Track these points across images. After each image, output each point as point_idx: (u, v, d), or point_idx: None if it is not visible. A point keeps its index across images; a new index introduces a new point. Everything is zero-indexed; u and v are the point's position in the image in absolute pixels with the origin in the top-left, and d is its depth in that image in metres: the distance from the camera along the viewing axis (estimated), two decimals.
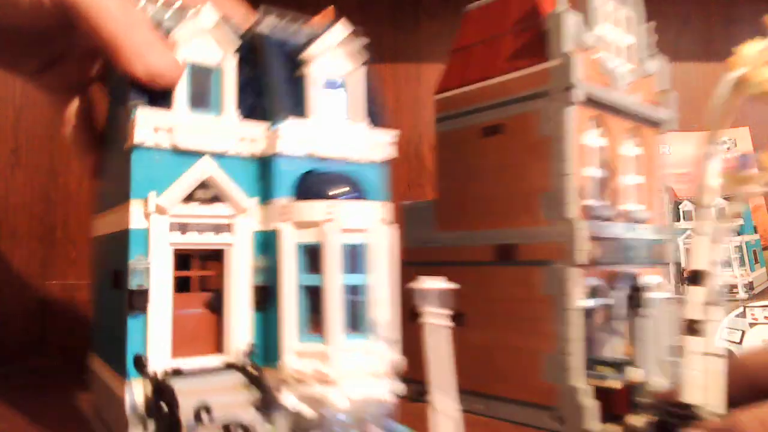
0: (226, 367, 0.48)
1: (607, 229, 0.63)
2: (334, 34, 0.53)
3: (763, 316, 0.97)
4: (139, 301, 0.45)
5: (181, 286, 0.49)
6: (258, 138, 0.50)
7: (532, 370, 0.61)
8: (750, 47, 0.43)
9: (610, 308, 0.64)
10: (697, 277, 0.44)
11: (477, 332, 0.66)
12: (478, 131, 0.70)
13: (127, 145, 0.46)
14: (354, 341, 0.47)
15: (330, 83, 0.53)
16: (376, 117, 0.55)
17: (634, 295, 0.64)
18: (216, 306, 0.50)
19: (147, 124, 0.46)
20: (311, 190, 0.49)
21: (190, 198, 0.47)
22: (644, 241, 0.67)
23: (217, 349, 0.49)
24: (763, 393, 0.41)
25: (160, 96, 0.47)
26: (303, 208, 0.48)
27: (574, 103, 0.60)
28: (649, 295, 0.63)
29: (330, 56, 0.53)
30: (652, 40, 0.73)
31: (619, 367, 0.60)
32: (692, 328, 0.43)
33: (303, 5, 0.56)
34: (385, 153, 0.54)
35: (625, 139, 0.69)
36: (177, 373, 0.45)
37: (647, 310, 0.63)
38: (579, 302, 0.59)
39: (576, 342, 0.58)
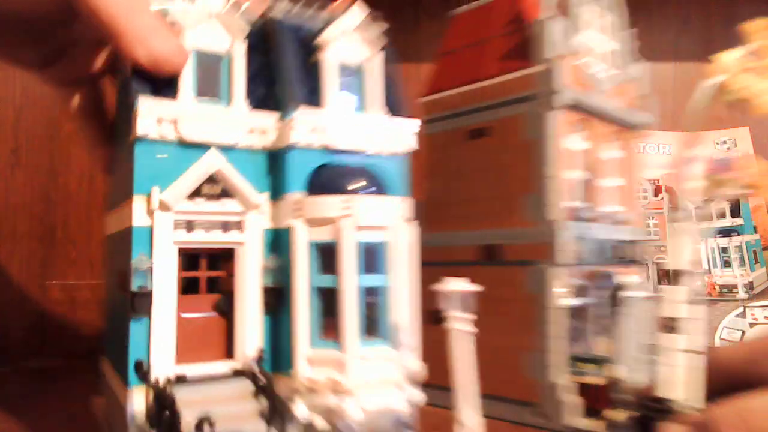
0: (234, 374, 0.46)
1: (589, 230, 0.66)
2: (351, 18, 0.51)
3: (763, 316, 1.00)
4: (142, 304, 0.43)
5: (190, 287, 0.47)
6: (269, 129, 0.49)
7: (515, 368, 0.64)
8: (728, 55, 0.46)
9: (591, 307, 0.67)
10: (677, 276, 0.46)
11: None
12: (465, 134, 0.73)
13: (130, 138, 0.45)
14: (371, 347, 0.46)
15: (346, 70, 0.51)
16: (395, 106, 0.53)
17: (614, 294, 0.67)
18: (224, 309, 0.48)
19: (150, 115, 0.44)
20: (326, 184, 0.47)
21: (196, 193, 0.46)
22: (624, 242, 0.71)
23: (225, 355, 0.48)
24: (739, 386, 0.42)
25: (164, 84, 0.45)
26: (317, 204, 0.46)
27: (557, 108, 0.64)
28: (628, 294, 0.65)
29: (346, 41, 0.51)
30: (635, 45, 0.77)
31: (600, 363, 0.62)
32: (669, 325, 0.46)
33: None
34: (406, 144, 0.52)
35: (606, 143, 0.73)
36: (181, 380, 0.44)
37: (626, 309, 0.66)
38: (561, 301, 0.62)
39: (558, 339, 0.62)
